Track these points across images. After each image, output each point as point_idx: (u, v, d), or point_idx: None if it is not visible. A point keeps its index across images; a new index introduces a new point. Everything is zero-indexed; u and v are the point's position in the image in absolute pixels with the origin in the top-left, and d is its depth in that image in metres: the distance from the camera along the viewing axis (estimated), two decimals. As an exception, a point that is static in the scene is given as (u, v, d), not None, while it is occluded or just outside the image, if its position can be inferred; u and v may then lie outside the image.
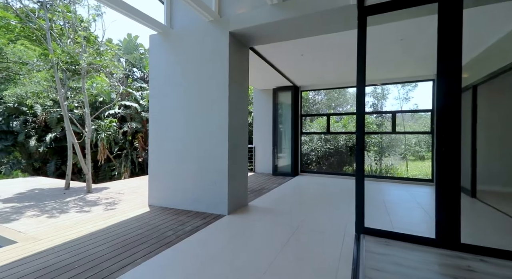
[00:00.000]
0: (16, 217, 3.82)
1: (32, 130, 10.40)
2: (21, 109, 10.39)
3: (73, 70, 5.63)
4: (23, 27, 5.89)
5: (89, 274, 2.15)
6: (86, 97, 5.83)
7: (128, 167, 11.00)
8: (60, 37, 5.51)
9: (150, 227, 3.29)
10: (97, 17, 5.60)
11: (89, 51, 5.53)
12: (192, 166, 4.05)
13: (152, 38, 4.50)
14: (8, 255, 2.57)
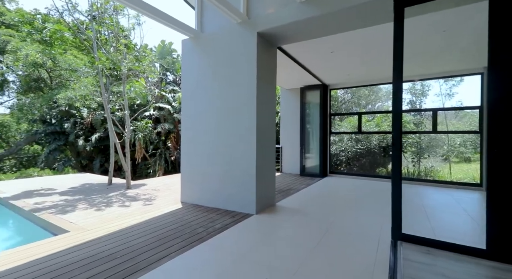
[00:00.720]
0: (69, 209, 4.29)
1: (80, 131, 11.57)
2: (71, 112, 11.62)
3: (115, 75, 6.15)
4: (74, 38, 6.57)
5: (129, 264, 2.33)
6: (126, 100, 6.32)
7: (162, 165, 11.67)
8: (104, 46, 6.06)
9: (183, 223, 3.45)
10: (136, 26, 6.07)
11: (129, 58, 5.99)
12: (221, 165, 4.17)
13: (184, 43, 4.72)
14: (62, 243, 2.90)
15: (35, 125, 12.54)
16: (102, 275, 2.14)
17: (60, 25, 6.25)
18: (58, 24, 6.20)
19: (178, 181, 6.65)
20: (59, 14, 5.78)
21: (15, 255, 2.59)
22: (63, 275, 2.15)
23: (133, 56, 6.32)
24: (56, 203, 4.69)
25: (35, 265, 2.34)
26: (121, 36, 6.33)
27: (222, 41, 4.22)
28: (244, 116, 3.93)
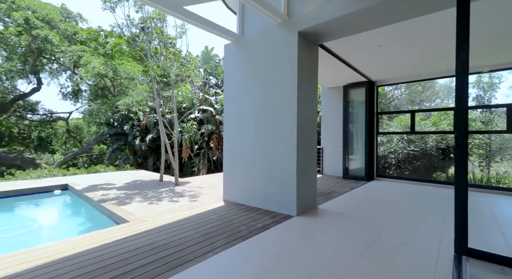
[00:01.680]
0: (128, 201, 4.84)
1: (137, 132, 12.96)
2: (129, 116, 13.10)
3: (164, 81, 6.73)
4: (130, 50, 7.40)
5: (179, 255, 2.52)
6: (175, 104, 6.87)
7: (205, 164, 12.34)
8: (155, 55, 6.70)
9: (226, 220, 3.59)
10: (182, 34, 6.56)
11: (176, 65, 6.50)
12: (262, 166, 4.22)
13: (226, 47, 4.92)
14: (123, 231, 3.28)
15: (101, 127, 14.51)
16: (158, 263, 2.36)
17: (119, 39, 7.12)
18: (117, 38, 7.08)
19: (220, 180, 6.94)
20: (120, 30, 6.60)
21: (87, 239, 3.03)
22: (127, 259, 2.44)
23: (180, 63, 6.84)
24: (118, 196, 5.33)
25: (103, 249, 2.70)
26: (170, 45, 6.91)
27: (262, 43, 4.27)
28: (285, 117, 3.91)
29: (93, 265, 2.33)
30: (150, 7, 5.29)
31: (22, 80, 14.31)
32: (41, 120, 17.18)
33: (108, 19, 30.54)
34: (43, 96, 28.83)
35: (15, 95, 14.03)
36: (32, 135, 17.17)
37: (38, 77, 14.68)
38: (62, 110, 17.91)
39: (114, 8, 5.79)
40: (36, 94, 15.10)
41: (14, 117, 15.77)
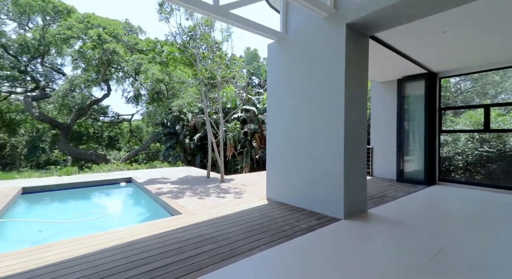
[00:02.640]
0: (180, 195, 5.28)
1: (187, 132, 14.02)
2: (180, 117, 14.26)
3: (211, 84, 7.12)
4: (182, 57, 8.01)
5: (226, 249, 2.64)
6: (220, 105, 7.21)
7: (248, 163, 12.65)
8: (203, 59, 7.13)
9: (269, 219, 3.62)
10: (228, 37, 6.84)
11: (222, 67, 6.81)
12: (306, 165, 4.12)
13: (270, 46, 4.94)
14: (177, 222, 3.59)
15: (157, 127, 16.12)
16: (208, 254, 2.52)
17: (172, 47, 7.79)
18: (171, 46, 7.75)
19: (263, 178, 7.04)
20: (173, 38, 7.22)
21: (148, 227, 3.40)
22: (180, 248, 2.66)
23: (225, 65, 7.14)
24: (171, 189, 5.86)
25: (161, 237, 3.00)
26: (216, 48, 7.27)
27: (307, 40, 4.16)
28: (331, 115, 3.74)
29: (153, 251, 2.61)
30: (199, 14, 5.65)
31: (96, 87, 16.84)
32: (110, 122, 19.96)
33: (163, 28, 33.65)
34: (111, 101, 33.54)
35: (91, 101, 16.60)
36: (103, 135, 20.09)
37: (108, 84, 17.08)
38: (126, 112, 20.50)
39: (168, 18, 6.38)
40: (106, 99, 17.61)
41: (90, 119, 18.67)
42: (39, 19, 14.90)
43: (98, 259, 2.44)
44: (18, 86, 15.62)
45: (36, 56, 15.26)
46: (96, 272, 2.19)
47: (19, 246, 3.58)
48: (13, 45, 14.31)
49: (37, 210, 5.70)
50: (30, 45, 14.36)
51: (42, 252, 2.61)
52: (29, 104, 14.86)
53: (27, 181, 7.09)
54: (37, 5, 13.86)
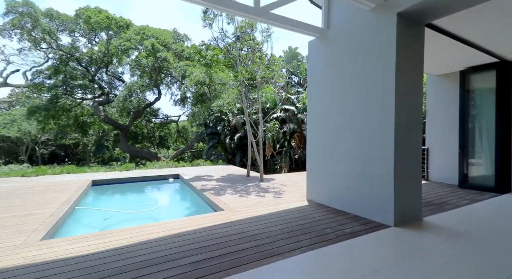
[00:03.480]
0: (222, 192, 5.51)
1: (227, 131, 14.57)
2: (222, 117, 14.88)
3: (251, 84, 7.26)
4: (224, 59, 8.35)
5: (267, 247, 2.67)
6: (260, 105, 7.30)
7: (287, 163, 12.54)
8: (244, 60, 7.31)
9: (310, 221, 3.53)
10: (268, 38, 6.89)
11: (262, 67, 6.88)
12: (350, 167, 3.90)
13: (310, 44, 4.81)
14: (220, 218, 3.76)
15: (201, 128, 17.11)
16: (249, 251, 2.58)
17: (216, 50, 8.17)
18: (215, 49, 8.14)
19: (303, 179, 6.88)
20: (215, 43, 7.58)
21: (195, 220, 3.64)
22: (223, 243, 2.79)
23: (265, 66, 7.20)
24: (214, 187, 6.16)
25: (206, 231, 3.18)
26: (256, 49, 7.38)
27: (351, 34, 3.93)
28: (380, 113, 3.47)
29: (199, 243, 2.79)
30: (241, 17, 5.81)
31: (149, 92, 18.67)
32: (160, 123, 21.92)
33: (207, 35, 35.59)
34: (162, 104, 36.82)
35: (145, 104, 18.47)
36: (155, 135, 22.17)
37: (158, 89, 18.78)
38: (174, 114, 22.27)
39: (211, 24, 6.73)
40: (157, 102, 19.38)
41: (144, 121, 20.79)
42: (104, 34, 17.16)
43: (154, 247, 2.71)
44: (88, 93, 18.27)
45: (101, 67, 17.63)
46: (153, 258, 2.44)
47: (90, 230, 4.18)
48: (84, 58, 16.78)
49: (103, 200, 6.58)
50: (97, 57, 16.65)
51: (108, 237, 3.01)
52: (97, 109, 17.26)
53: (95, 175, 8.24)
54: (103, 22, 16.00)
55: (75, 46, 16.70)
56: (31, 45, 15.48)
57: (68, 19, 16.02)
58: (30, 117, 15.71)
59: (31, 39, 15.10)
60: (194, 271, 2.19)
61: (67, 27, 16.23)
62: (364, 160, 3.68)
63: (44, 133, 18.77)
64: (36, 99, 16.05)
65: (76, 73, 16.57)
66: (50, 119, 16.30)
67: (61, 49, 16.15)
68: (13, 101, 19.99)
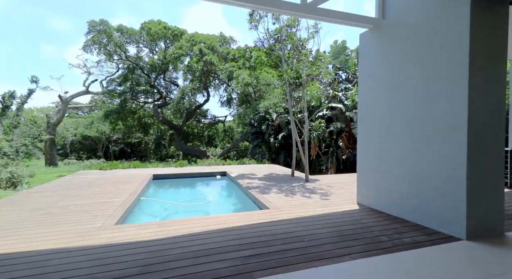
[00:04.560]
0: (266, 191, 5.57)
1: (271, 131, 14.66)
2: (266, 117, 15.04)
3: (296, 83, 7.14)
4: (268, 60, 8.39)
5: (314, 250, 2.59)
6: (305, 103, 7.13)
7: (334, 163, 11.97)
8: (288, 59, 7.24)
9: (362, 226, 3.30)
10: (315, 34, 6.68)
11: (308, 65, 6.71)
12: (410, 169, 3.51)
13: (362, 36, 4.48)
14: (265, 216, 3.81)
15: (246, 127, 17.61)
16: (296, 251, 2.56)
17: (260, 52, 8.28)
18: (259, 51, 8.26)
19: (352, 181, 6.48)
20: (261, 43, 7.68)
21: (240, 217, 3.77)
22: (269, 241, 2.82)
23: (311, 63, 6.99)
24: (259, 185, 6.27)
25: (251, 228, 3.26)
26: (302, 47, 7.22)
27: (412, 21, 3.52)
28: (449, 109, 3.03)
29: (246, 239, 2.88)
30: (288, 15, 5.76)
31: (199, 94, 20.05)
32: (209, 123, 23.35)
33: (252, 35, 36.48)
34: (210, 105, 39.16)
35: (195, 106, 19.90)
36: (204, 134, 23.72)
37: (207, 91, 20.01)
38: (221, 114, 23.45)
39: (257, 26, 6.85)
40: (206, 104, 20.68)
41: (195, 121, 22.42)
42: (162, 43, 19.09)
43: (206, 238, 2.91)
44: (149, 97, 20.58)
45: (160, 73, 19.65)
46: (206, 249, 2.62)
47: (152, 219, 4.71)
48: (146, 66, 18.96)
49: (161, 192, 7.35)
50: (156, 64, 18.62)
51: (168, 226, 3.35)
52: (156, 111, 19.33)
53: (155, 170, 9.25)
54: (161, 32, 17.82)
55: (139, 56, 19.02)
56: (106, 58, 18.21)
57: (134, 32, 18.33)
58: (105, 119, 18.51)
59: (106, 52, 17.76)
60: (243, 266, 2.27)
61: (133, 39, 18.60)
62: (425, 161, 3.26)
63: (115, 133, 21.90)
64: (110, 104, 18.81)
65: (140, 80, 18.85)
66: (120, 121, 18.93)
67: (129, 60, 18.58)
68: (93, 106, 23.85)
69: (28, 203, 4.46)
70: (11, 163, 9.19)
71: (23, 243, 2.77)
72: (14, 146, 14.34)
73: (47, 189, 5.78)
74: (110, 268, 2.24)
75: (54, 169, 13.49)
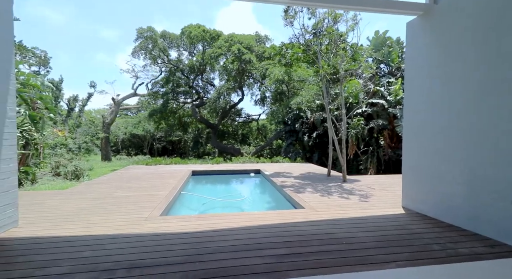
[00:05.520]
0: (301, 190, 5.47)
1: (305, 129, 14.31)
2: (300, 115, 14.74)
3: (333, 79, 6.84)
4: (304, 56, 8.17)
5: (355, 254, 2.46)
6: (343, 100, 6.79)
7: (374, 164, 11.20)
8: (325, 54, 6.96)
9: (409, 232, 3.03)
10: (354, 26, 6.30)
11: (346, 59, 6.36)
12: (463, 169, 3.10)
13: (409, 25, 4.09)
14: (300, 215, 3.74)
15: (279, 126, 17.51)
16: (334, 254, 2.46)
17: (296, 48, 8.11)
18: (295, 47, 8.10)
19: (395, 182, 6.00)
20: (296, 40, 7.53)
21: (274, 215, 3.76)
22: (305, 241, 2.76)
23: (349, 57, 6.61)
24: (293, 184, 6.18)
25: (286, 227, 3.23)
26: (340, 41, 6.88)
27: (471, 4, 3.08)
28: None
29: (281, 238, 2.86)
30: (326, 8, 5.55)
31: (234, 93, 20.52)
32: (243, 121, 23.80)
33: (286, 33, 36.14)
34: (244, 104, 39.86)
35: (230, 105, 20.43)
36: (238, 132, 24.25)
37: (242, 90, 20.38)
38: (254, 113, 23.74)
39: (292, 22, 6.73)
40: (241, 103, 21.09)
41: (229, 120, 23.05)
42: (200, 45, 19.99)
43: (241, 234, 2.97)
44: (188, 98, 21.77)
45: (198, 74, 20.64)
46: (241, 244, 2.68)
47: (192, 212, 4.99)
48: (186, 68, 20.07)
49: (199, 187, 7.73)
50: (195, 66, 19.59)
51: (206, 220, 3.52)
52: (194, 111, 20.36)
53: (193, 166, 9.77)
54: (200, 35, 18.68)
55: (180, 59, 20.25)
56: (151, 62, 19.76)
57: (175, 37, 19.56)
58: (150, 119, 20.16)
59: (151, 57, 19.27)
60: (279, 264, 2.27)
61: (174, 44, 19.86)
62: (490, 162, 2.84)
63: (159, 132, 23.70)
64: (154, 104, 20.40)
65: (180, 81, 20.07)
66: (162, 120, 20.41)
67: (171, 63, 19.90)
68: (139, 107, 26.13)
69: (89, 193, 5.09)
70: (75, 157, 10.60)
71: (87, 228, 3.17)
72: (77, 143, 16.51)
73: (103, 181, 6.52)
74: (156, 255, 2.44)
75: (108, 164, 15.19)
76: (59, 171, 7.92)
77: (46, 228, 3.14)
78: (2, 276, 2.04)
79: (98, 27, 41.82)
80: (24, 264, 2.23)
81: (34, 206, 4.09)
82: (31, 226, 3.18)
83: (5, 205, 2.96)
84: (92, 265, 2.21)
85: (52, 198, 4.66)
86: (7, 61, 2.99)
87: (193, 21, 27.79)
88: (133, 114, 28.88)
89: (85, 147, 16.91)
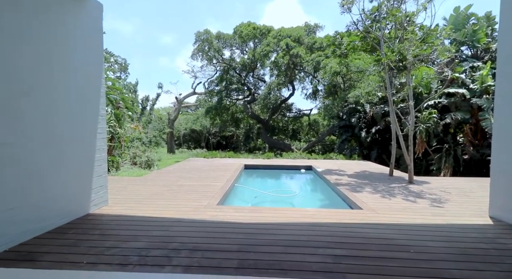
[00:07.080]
0: (358, 189, 5.08)
1: (363, 124, 13.20)
2: (357, 108, 13.65)
3: (398, 67, 6.06)
4: (363, 44, 7.48)
5: (425, 265, 2.17)
6: (411, 90, 5.99)
7: (450, 164, 9.59)
8: (389, 40, 6.21)
9: (499, 247, 2.50)
10: (427, 4, 5.41)
11: (416, 43, 5.55)
12: None
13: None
14: (358, 216, 3.48)
15: (332, 121, 16.61)
16: (400, 262, 2.21)
17: (353, 36, 7.46)
18: (351, 36, 7.47)
19: (480, 186, 5.03)
20: (355, 27, 6.94)
21: (328, 213, 3.61)
22: (365, 244, 2.57)
23: (419, 41, 5.72)
24: (349, 182, 5.79)
25: (342, 227, 3.05)
26: (408, 23, 6.04)
27: None
28: None
29: (336, 238, 2.72)
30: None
31: (284, 89, 20.32)
32: (294, 116, 23.42)
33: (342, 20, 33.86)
34: (295, 99, 39.16)
35: (280, 100, 20.34)
36: (288, 128, 24.03)
37: (292, 85, 20.02)
38: (305, 108, 23.06)
39: (350, 8, 6.19)
40: (291, 98, 20.77)
41: (280, 115, 23.00)
42: (251, 43, 20.40)
43: (294, 230, 2.96)
44: (240, 94, 22.60)
45: (249, 71, 21.16)
46: (294, 240, 2.66)
47: (245, 204, 5.19)
48: (238, 66, 20.82)
49: (250, 181, 7.99)
50: (246, 64, 20.13)
51: (259, 212, 3.62)
52: (246, 107, 21.03)
53: (245, 160, 10.14)
54: (251, 33, 19.06)
55: (232, 57, 21.12)
56: (207, 62, 21.18)
57: (228, 37, 20.45)
58: (206, 115, 21.78)
59: (208, 58, 20.64)
60: (336, 265, 2.17)
61: (228, 43, 20.80)
62: None
63: (214, 127, 25.42)
64: (210, 102, 21.91)
65: (233, 79, 20.98)
66: (217, 116, 21.77)
67: (224, 62, 20.94)
68: (198, 104, 28.46)
69: (159, 180, 5.82)
70: (147, 149, 12.27)
71: (157, 210, 3.64)
72: (148, 137, 19.10)
73: (169, 171, 7.37)
74: (215, 241, 2.63)
75: (172, 156, 17.10)
76: (136, 161, 9.31)
77: (128, 208, 3.73)
78: (99, 245, 2.52)
79: (158, 34, 47.31)
80: (112, 237, 2.71)
81: (119, 189, 4.91)
82: (117, 205, 3.83)
83: (98, 187, 3.64)
84: (163, 244, 2.53)
85: (131, 183, 5.51)
86: (99, 69, 3.63)
87: (242, 19, 28.54)
88: (192, 111, 31.62)
89: (154, 141, 19.43)
